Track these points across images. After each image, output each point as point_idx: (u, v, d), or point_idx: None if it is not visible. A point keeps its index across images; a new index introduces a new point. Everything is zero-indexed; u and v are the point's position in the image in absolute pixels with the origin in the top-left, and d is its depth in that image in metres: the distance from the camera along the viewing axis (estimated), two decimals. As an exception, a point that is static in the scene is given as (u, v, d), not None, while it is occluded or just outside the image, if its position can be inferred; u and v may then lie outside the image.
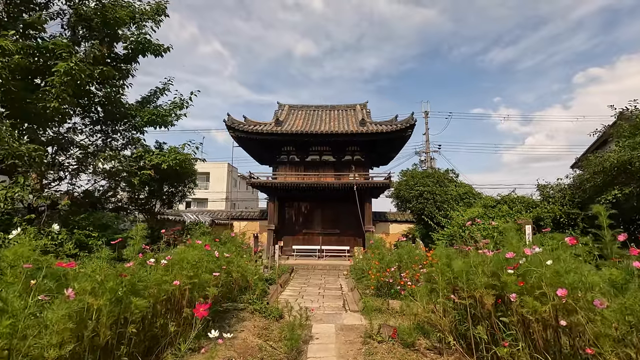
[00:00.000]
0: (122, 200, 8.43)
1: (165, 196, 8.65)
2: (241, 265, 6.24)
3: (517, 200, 9.38)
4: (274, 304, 7.51)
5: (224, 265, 5.48)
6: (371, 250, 10.92)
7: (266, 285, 8.88)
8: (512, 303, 2.88)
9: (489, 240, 8.69)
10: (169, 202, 8.95)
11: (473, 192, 11.64)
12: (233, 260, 6.21)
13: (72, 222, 5.44)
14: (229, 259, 6.20)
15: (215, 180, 38.97)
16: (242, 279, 6.37)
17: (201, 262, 4.34)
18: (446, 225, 10.03)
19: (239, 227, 19.17)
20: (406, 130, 16.53)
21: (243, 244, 8.20)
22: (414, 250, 7.62)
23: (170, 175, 7.70)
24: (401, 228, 18.29)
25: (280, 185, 17.41)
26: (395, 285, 7.16)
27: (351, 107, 20.87)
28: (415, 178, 11.56)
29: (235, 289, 6.23)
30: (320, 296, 8.99)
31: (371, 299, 7.51)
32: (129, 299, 2.86)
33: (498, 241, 8.00)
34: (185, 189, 9.12)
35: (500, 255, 3.43)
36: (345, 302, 8.23)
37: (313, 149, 18.87)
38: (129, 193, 8.14)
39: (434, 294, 4.18)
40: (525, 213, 8.69)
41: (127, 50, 6.41)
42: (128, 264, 3.31)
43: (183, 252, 4.23)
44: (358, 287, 8.93)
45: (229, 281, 5.89)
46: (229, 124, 16.84)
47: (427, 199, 10.97)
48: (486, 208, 9.66)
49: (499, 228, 8.09)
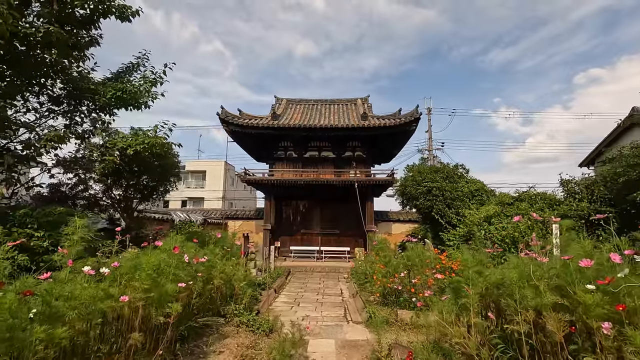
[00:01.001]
0: (97, 195, 7.49)
1: (145, 191, 7.67)
2: (225, 271, 5.29)
3: (537, 196, 8.43)
4: (265, 313, 6.57)
5: (201, 272, 4.55)
6: (374, 251, 9.98)
7: (258, 292, 7.94)
8: (602, 335, 1.94)
9: (507, 240, 7.78)
10: (149, 198, 7.99)
11: (485, 188, 10.70)
12: (215, 264, 5.27)
13: (12, 218, 4.50)
14: (211, 263, 5.26)
15: (212, 179, 37.98)
16: (226, 286, 5.42)
17: (165, 269, 3.39)
18: (458, 225, 9.09)
19: (234, 226, 18.23)
20: (410, 124, 15.59)
21: (232, 245, 7.25)
22: (424, 252, 6.68)
23: (149, 167, 6.74)
24: (404, 228, 17.34)
25: (277, 182, 16.45)
26: (404, 293, 6.22)
27: (352, 102, 19.91)
28: (423, 173, 10.60)
29: (218, 299, 5.28)
30: (318, 303, 8.04)
31: (377, 308, 6.57)
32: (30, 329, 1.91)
33: (518, 241, 7.07)
34: (167, 183, 8.14)
35: (568, 263, 2.47)
36: (346, 311, 7.29)
37: (312, 144, 17.93)
38: (104, 187, 7.19)
39: (464, 312, 3.23)
40: (548, 211, 7.75)
41: (85, 10, 5.39)
42: (43, 276, 2.35)
43: (137, 258, 3.28)
44: (361, 294, 7.99)
45: (209, 290, 4.95)
46: (222, 117, 15.88)
47: (436, 196, 10.03)
48: (503, 206, 8.72)
49: (520, 227, 7.15)
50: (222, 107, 16.07)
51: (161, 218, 12.00)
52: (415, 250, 6.53)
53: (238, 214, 18.88)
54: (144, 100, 5.73)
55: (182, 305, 3.69)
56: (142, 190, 7.50)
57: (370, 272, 8.18)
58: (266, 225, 16.67)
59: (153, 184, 7.56)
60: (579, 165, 25.54)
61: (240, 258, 6.05)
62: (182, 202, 38.18)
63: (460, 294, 3.33)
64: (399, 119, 15.59)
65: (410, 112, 15.82)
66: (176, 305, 3.05)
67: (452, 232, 8.93)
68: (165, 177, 7.60)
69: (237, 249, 6.92)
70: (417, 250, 6.40)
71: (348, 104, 19.69)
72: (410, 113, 15.77)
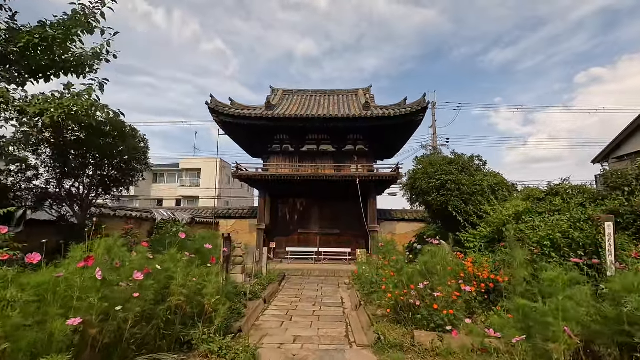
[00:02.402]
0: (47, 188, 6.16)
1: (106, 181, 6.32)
2: (187, 285, 3.97)
3: (575, 190, 7.12)
4: (247, 334, 5.25)
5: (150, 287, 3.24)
6: (380, 254, 8.66)
7: (243, 303, 6.62)
8: None
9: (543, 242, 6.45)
10: (109, 190, 6.65)
11: (506, 183, 9.37)
12: (175, 275, 3.95)
13: None
14: (169, 274, 3.95)
15: (208, 177, 36.65)
16: (191, 303, 4.11)
17: (62, 293, 2.08)
18: (478, 224, 7.78)
19: (226, 226, 16.91)
20: (417, 114, 14.26)
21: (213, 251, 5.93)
22: (446, 256, 5.36)
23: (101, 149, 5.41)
24: (410, 228, 16.01)
25: (272, 178, 15.13)
26: (422, 309, 4.91)
27: (353, 92, 18.57)
28: (435, 165, 9.26)
29: (178, 321, 3.96)
30: (315, 317, 6.74)
31: (387, 326, 5.25)
32: None
33: (561, 244, 5.76)
34: (132, 173, 6.78)
35: None
36: (348, 328, 5.98)
37: (310, 137, 16.61)
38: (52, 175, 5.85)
39: None
40: (592, 207, 6.44)
41: None
42: None
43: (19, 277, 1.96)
44: (366, 306, 6.68)
45: (163, 311, 3.63)
46: (212, 106, 14.54)
47: (451, 191, 8.69)
48: (533, 201, 7.41)
49: (562, 226, 5.84)
50: (212, 95, 14.73)
51: (140, 216, 10.67)
52: (436, 253, 5.21)
53: (230, 213, 17.55)
54: (78, 58, 4.18)
55: (110, 340, 2.40)
56: (102, 181, 6.16)
57: (378, 280, 6.86)
58: (260, 224, 15.34)
59: (112, 172, 6.23)
60: (592, 162, 24.30)
61: (216, 265, 4.72)
62: (177, 201, 36.85)
63: (544, 330, 2.01)
64: (405, 109, 14.27)
65: (417, 100, 14.50)
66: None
67: (472, 232, 7.61)
68: (129, 165, 6.26)
69: (215, 252, 5.59)
70: (439, 255, 5.08)
71: (349, 95, 18.36)
72: (417, 102, 14.45)
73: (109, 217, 8.86)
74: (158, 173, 39.85)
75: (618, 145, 22.16)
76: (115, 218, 9.29)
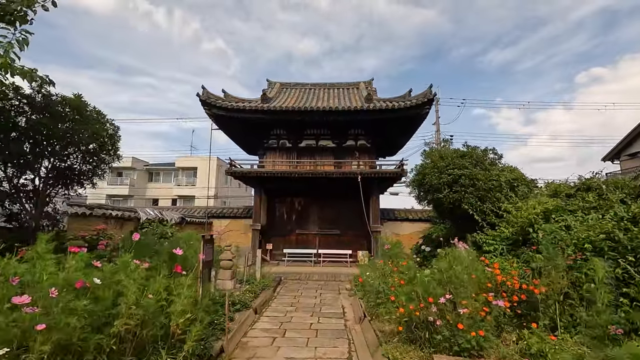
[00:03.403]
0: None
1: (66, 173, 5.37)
2: (144, 305, 3.03)
3: (612, 184, 6.19)
4: (231, 355, 4.33)
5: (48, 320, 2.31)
6: (387, 258, 7.74)
7: (228, 316, 5.68)
8: None
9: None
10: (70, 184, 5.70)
11: (525, 178, 8.44)
12: (126, 291, 3.01)
13: None
14: (118, 289, 3.02)
15: (204, 176, 35.66)
16: (147, 326, 3.17)
17: None
18: (498, 223, 6.85)
19: (219, 226, 15.97)
20: (423, 107, 13.32)
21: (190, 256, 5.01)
22: (472, 263, 4.42)
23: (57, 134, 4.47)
24: (415, 228, 15.09)
25: (268, 175, 14.20)
26: (443, 328, 3.98)
27: (354, 86, 17.64)
28: (447, 159, 8.31)
29: (130, 349, 3.02)
30: (312, 332, 5.80)
31: (399, 347, 4.31)
32: None
33: (604, 248, 4.83)
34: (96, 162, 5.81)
35: None
36: (351, 347, 5.05)
37: (308, 132, 15.68)
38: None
39: None
40: (636, 203, 5.51)
41: None
42: None
43: None
44: (372, 320, 5.74)
45: (109, 337, 2.70)
46: (203, 98, 13.59)
47: (465, 187, 7.76)
48: (561, 197, 6.49)
49: (607, 226, 4.91)
50: (204, 87, 13.80)
51: (121, 216, 9.73)
52: (459, 260, 4.28)
53: (224, 212, 16.61)
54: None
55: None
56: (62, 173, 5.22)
57: (385, 289, 5.93)
58: (255, 224, 14.40)
59: (75, 163, 5.30)
60: (602, 159, 23.43)
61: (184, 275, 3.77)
62: (172, 200, 35.91)
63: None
64: (410, 101, 13.33)
65: (423, 92, 13.57)
66: None
67: (491, 234, 6.67)
68: (95, 155, 5.32)
69: (192, 259, 4.66)
70: (464, 262, 4.15)
71: (350, 88, 17.43)
72: (422, 93, 13.52)
73: (83, 217, 7.92)
74: (153, 172, 38.96)
75: (629, 142, 21.35)
76: (92, 217, 8.35)
